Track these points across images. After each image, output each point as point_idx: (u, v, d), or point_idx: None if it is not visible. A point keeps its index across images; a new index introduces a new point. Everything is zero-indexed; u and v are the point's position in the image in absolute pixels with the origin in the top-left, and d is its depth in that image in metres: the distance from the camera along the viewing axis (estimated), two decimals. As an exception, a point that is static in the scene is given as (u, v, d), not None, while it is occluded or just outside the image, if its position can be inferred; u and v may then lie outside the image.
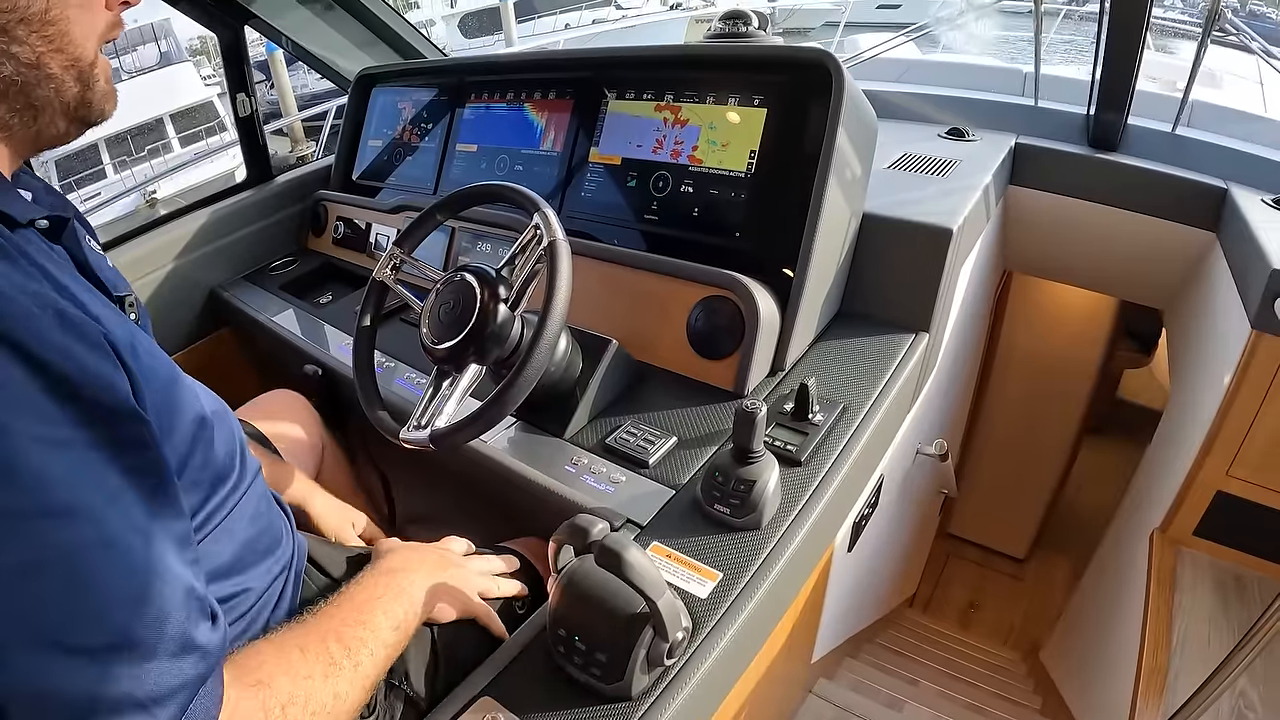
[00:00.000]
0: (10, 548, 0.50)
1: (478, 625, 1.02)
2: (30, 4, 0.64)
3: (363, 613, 0.84)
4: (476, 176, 1.68)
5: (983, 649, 2.83)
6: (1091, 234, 2.01)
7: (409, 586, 0.91)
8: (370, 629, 0.82)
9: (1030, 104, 2.13)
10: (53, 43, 0.67)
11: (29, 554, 0.50)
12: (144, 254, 1.83)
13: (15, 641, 0.49)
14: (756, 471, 0.95)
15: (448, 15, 17.90)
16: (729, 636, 0.85)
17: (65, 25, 0.67)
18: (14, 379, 0.52)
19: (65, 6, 0.67)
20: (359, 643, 0.79)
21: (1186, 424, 1.85)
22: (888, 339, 1.33)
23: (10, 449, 0.51)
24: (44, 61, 0.67)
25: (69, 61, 0.69)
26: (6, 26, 0.64)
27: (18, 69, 0.66)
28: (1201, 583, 1.65)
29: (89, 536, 0.53)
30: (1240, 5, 11.87)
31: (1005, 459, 3.22)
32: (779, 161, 1.29)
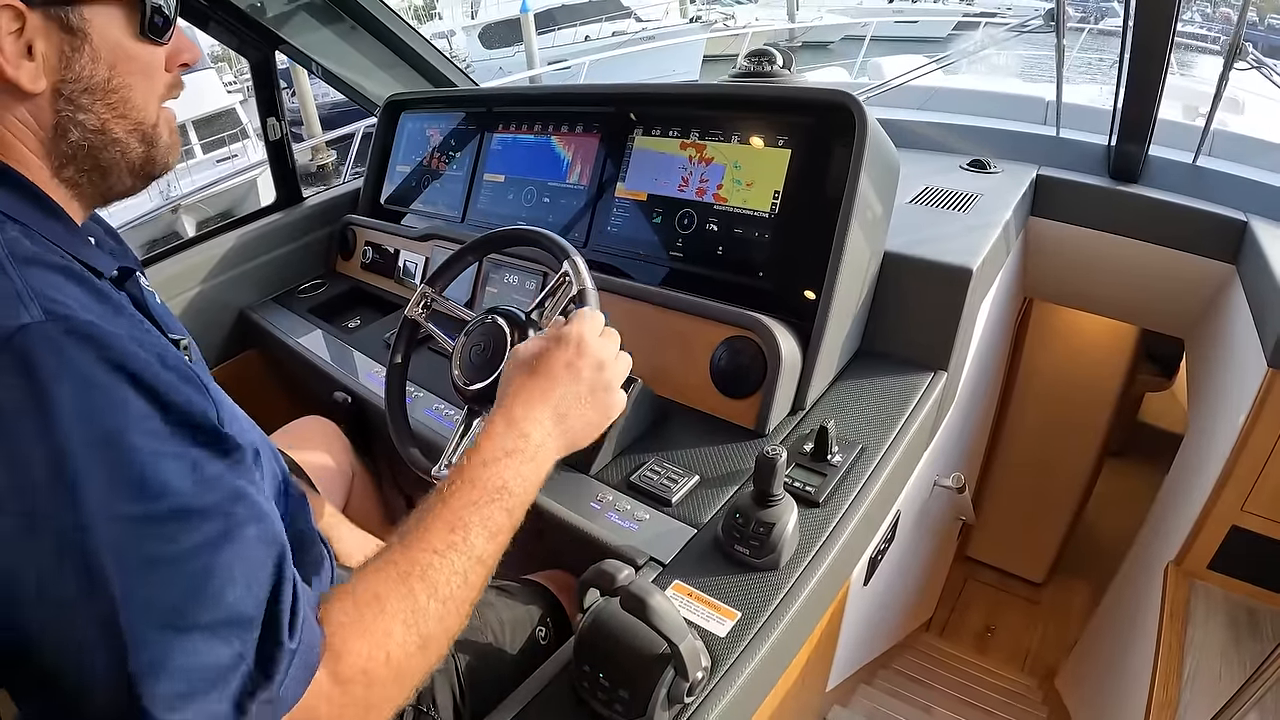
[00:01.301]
0: (142, 546, 0.56)
1: (504, 656, 1.06)
2: (93, 74, 0.69)
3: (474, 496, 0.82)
4: (503, 207, 1.71)
5: (998, 674, 2.82)
6: (1112, 265, 2.02)
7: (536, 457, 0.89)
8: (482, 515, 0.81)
9: (1052, 134, 2.14)
10: (116, 109, 0.72)
11: (157, 550, 0.56)
12: (175, 274, 1.88)
13: (146, 624, 0.55)
14: (776, 514, 0.97)
15: (468, 26, 18.09)
16: (747, 674, 0.87)
17: (127, 93, 0.72)
18: (137, 406, 0.58)
19: (127, 74, 0.72)
20: (470, 527, 0.79)
21: (1203, 457, 1.85)
22: (906, 379, 1.34)
23: (139, 463, 0.57)
24: (109, 127, 0.72)
25: (133, 125, 0.74)
26: (72, 96, 0.69)
27: (84, 135, 0.71)
28: (1214, 616, 1.65)
29: (209, 532, 0.59)
30: (1259, 19, 11.74)
31: (1025, 482, 3.20)
32: (802, 202, 1.31)
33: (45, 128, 0.69)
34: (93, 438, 0.56)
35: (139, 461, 0.57)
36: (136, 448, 0.57)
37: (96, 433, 0.56)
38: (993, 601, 3.37)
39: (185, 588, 0.57)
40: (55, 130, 0.70)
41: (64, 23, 0.67)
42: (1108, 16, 9.23)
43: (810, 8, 19.95)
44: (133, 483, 0.56)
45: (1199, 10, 9.97)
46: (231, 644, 0.58)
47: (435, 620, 0.72)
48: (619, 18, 17.90)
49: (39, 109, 0.69)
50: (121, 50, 0.71)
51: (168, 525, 0.57)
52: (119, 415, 0.57)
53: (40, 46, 0.66)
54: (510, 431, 0.88)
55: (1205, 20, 10.00)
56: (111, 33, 0.70)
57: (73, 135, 0.70)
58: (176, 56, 0.78)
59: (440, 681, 1.00)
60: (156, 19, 0.73)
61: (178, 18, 0.77)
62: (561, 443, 0.93)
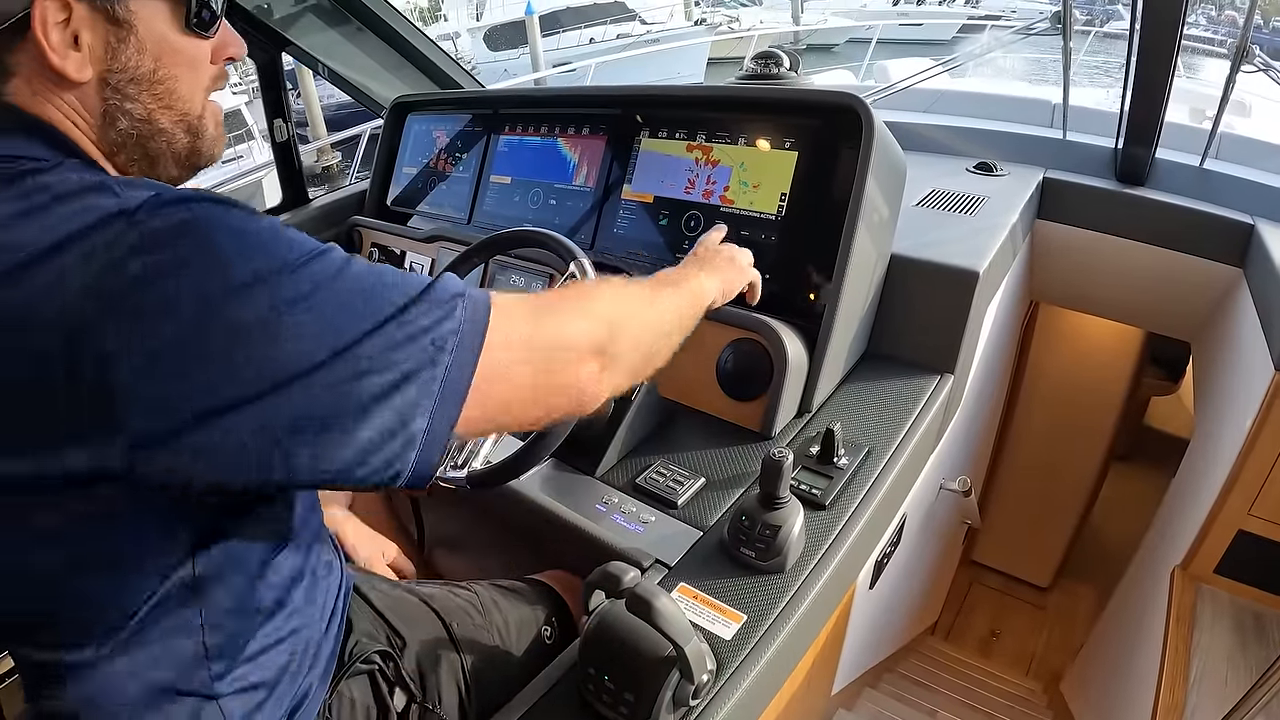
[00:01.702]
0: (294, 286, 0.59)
1: (510, 656, 1.07)
2: (139, 65, 0.72)
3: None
4: (510, 209, 1.71)
5: (1003, 678, 2.81)
6: (1118, 267, 2.01)
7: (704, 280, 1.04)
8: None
9: (1059, 137, 2.13)
10: (161, 100, 0.74)
11: (306, 287, 0.59)
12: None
13: (345, 338, 0.60)
14: (782, 517, 0.97)
15: (473, 28, 18.10)
16: (752, 676, 0.87)
17: (173, 84, 0.74)
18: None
19: (173, 66, 0.74)
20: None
21: (1209, 461, 1.85)
22: (913, 381, 1.34)
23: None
24: (155, 117, 0.74)
25: (178, 116, 0.76)
26: (118, 85, 0.71)
27: (132, 123, 0.73)
28: (1221, 621, 1.65)
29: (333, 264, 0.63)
30: (1264, 22, 11.73)
31: (1030, 486, 3.20)
32: (809, 204, 1.31)
33: (95, 115, 0.72)
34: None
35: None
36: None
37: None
38: (998, 606, 3.37)
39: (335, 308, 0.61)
40: (104, 118, 0.72)
41: (110, 14, 0.69)
42: (1113, 20, 9.24)
43: (814, 10, 19.97)
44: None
45: (1203, 13, 9.95)
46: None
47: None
48: (624, 20, 17.92)
49: (87, 97, 0.71)
50: (167, 43, 0.73)
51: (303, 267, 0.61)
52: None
53: (86, 37, 0.68)
54: (683, 270, 1.04)
55: (1210, 23, 9.99)
56: (157, 25, 0.72)
57: (121, 123, 0.73)
58: (222, 50, 0.80)
59: (446, 679, 1.00)
60: (202, 13, 0.75)
61: (223, 13, 0.78)
62: (718, 288, 1.06)
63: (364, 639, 0.95)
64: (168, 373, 0.55)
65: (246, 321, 0.57)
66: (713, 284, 1.04)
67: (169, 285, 0.56)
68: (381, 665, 0.94)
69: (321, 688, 0.87)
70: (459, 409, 0.65)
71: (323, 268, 0.61)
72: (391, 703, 0.94)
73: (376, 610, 1.02)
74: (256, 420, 0.57)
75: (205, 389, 0.56)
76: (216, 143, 0.81)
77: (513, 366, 0.70)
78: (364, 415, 0.60)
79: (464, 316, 0.66)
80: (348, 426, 0.60)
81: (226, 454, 0.58)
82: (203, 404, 0.56)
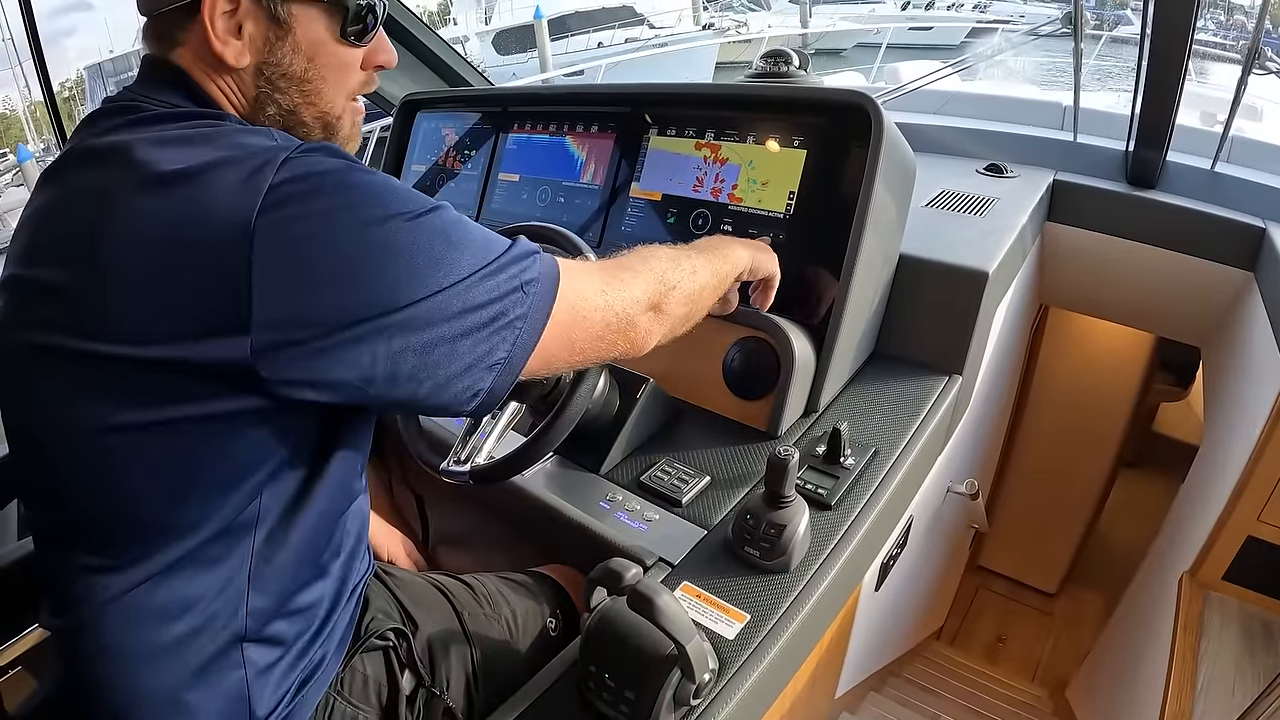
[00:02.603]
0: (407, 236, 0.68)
1: (516, 647, 1.08)
2: (292, 64, 0.80)
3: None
4: (518, 206, 1.71)
5: (1009, 684, 2.79)
6: (1128, 271, 2.00)
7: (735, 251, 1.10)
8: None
9: (1069, 139, 2.12)
10: (307, 97, 0.82)
11: (425, 230, 0.69)
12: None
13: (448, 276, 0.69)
14: (787, 516, 0.96)
15: (482, 32, 18.13)
16: (754, 677, 0.87)
17: (320, 84, 0.82)
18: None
19: (323, 69, 0.82)
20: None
21: (1219, 467, 1.83)
22: (921, 382, 1.33)
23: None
24: (299, 110, 0.82)
25: (319, 113, 0.84)
26: (271, 78, 0.79)
27: (279, 111, 0.82)
28: (1229, 628, 1.63)
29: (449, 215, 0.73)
30: (1274, 25, 11.69)
31: (1038, 492, 3.18)
32: (817, 203, 1.30)
33: (248, 98, 0.80)
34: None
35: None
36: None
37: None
38: (1004, 611, 3.35)
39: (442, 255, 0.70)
40: (255, 102, 0.80)
41: (272, 13, 0.76)
42: (1121, 24, 9.22)
43: (823, 15, 19.92)
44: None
45: (1211, 18, 9.89)
46: None
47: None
48: (632, 24, 17.93)
49: (243, 81, 0.79)
50: (321, 48, 0.81)
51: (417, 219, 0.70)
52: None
53: (249, 28, 0.76)
54: (720, 238, 1.10)
55: (1219, 28, 9.94)
56: (314, 31, 0.79)
57: (269, 109, 0.81)
58: (374, 57, 0.87)
59: (455, 667, 1.01)
60: (357, 25, 0.82)
61: (380, 25, 0.85)
62: (749, 258, 1.11)
63: (380, 615, 0.98)
64: (299, 285, 0.63)
65: (378, 249, 0.66)
66: (745, 254, 1.10)
67: (315, 211, 0.64)
68: (395, 643, 0.96)
69: (336, 659, 0.90)
70: (535, 342, 0.75)
71: (439, 218, 0.71)
72: (401, 683, 0.95)
73: (393, 593, 1.04)
74: (376, 335, 0.66)
75: (333, 304, 0.64)
76: (350, 141, 0.89)
77: (583, 310, 0.81)
78: (464, 340, 0.70)
79: (542, 268, 0.76)
80: (450, 350, 0.69)
81: (344, 362, 0.66)
82: (329, 316, 0.64)
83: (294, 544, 0.79)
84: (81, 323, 0.65)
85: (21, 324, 0.70)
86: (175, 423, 0.67)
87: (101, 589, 0.72)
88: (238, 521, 0.73)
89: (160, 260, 0.63)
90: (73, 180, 0.72)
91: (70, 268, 0.66)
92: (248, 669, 0.78)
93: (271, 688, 0.80)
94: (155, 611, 0.73)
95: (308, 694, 0.85)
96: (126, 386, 0.66)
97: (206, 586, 0.74)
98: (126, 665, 0.74)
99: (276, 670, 0.81)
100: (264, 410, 0.69)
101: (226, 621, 0.76)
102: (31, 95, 16.14)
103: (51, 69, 2.33)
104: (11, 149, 14.68)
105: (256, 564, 0.76)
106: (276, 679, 0.81)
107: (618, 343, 0.86)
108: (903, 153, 1.31)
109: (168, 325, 0.63)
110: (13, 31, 13.24)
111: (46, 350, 0.67)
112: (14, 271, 0.73)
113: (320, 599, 0.86)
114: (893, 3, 21.89)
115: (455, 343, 0.69)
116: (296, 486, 0.77)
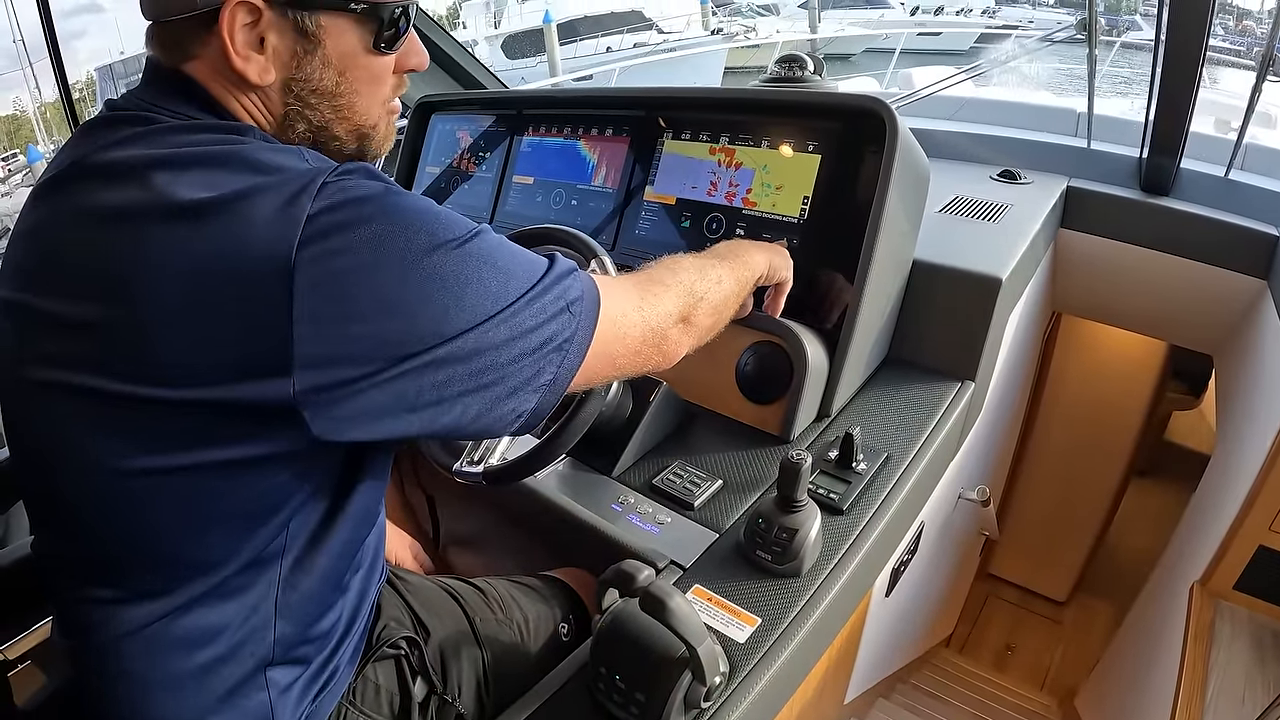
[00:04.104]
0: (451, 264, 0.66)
1: (528, 651, 1.07)
2: (322, 78, 0.75)
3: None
4: (532, 209, 1.71)
5: (1017, 693, 2.78)
6: (1141, 278, 1.99)
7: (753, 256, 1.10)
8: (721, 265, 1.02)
9: (1083, 145, 2.11)
10: (340, 111, 0.78)
11: (472, 259, 0.67)
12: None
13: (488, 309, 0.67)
14: (799, 520, 0.96)
15: (491, 36, 18.16)
16: (764, 681, 0.87)
17: (352, 98, 0.78)
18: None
19: (355, 81, 0.77)
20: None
21: (1231, 476, 1.82)
22: (933, 387, 1.33)
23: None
24: (332, 126, 0.78)
25: (354, 126, 0.80)
26: (300, 94, 0.74)
27: (309, 128, 0.77)
28: (1239, 638, 1.62)
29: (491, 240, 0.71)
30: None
31: (1049, 500, 3.17)
32: (831, 208, 1.30)
33: (276, 116, 0.75)
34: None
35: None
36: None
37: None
38: (1013, 619, 3.33)
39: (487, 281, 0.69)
40: (284, 120, 0.76)
41: (298, 25, 0.71)
42: (1130, 30, 9.19)
43: (831, 20, 19.90)
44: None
45: (1219, 23, 9.85)
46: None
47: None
48: (641, 29, 17.95)
49: (269, 99, 0.74)
50: (353, 60, 0.76)
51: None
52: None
53: (273, 41, 0.70)
54: (738, 244, 1.11)
55: (1227, 33, 9.89)
56: (345, 43, 0.74)
57: (299, 126, 0.76)
58: (405, 61, 0.82)
59: (467, 673, 1.01)
60: (390, 30, 0.77)
61: (411, 27, 0.81)
62: (766, 262, 1.11)
63: (392, 624, 0.97)
64: (344, 320, 0.60)
65: (425, 280, 0.63)
66: (763, 259, 1.10)
67: (358, 242, 0.61)
68: (407, 651, 0.96)
69: (349, 669, 0.89)
70: (580, 362, 0.74)
71: (482, 243, 0.68)
72: (413, 691, 0.95)
73: (404, 599, 1.03)
74: (424, 369, 0.64)
75: (380, 340, 0.62)
76: (384, 142, 0.85)
77: (623, 327, 0.81)
78: (513, 366, 0.68)
79: (583, 286, 0.75)
80: (499, 376, 0.68)
81: (390, 399, 0.64)
82: (377, 353, 0.62)
83: (320, 569, 0.77)
84: (117, 363, 0.62)
85: (39, 358, 0.66)
86: (205, 466, 0.64)
87: (120, 622, 0.70)
88: (264, 554, 0.71)
89: (193, 295, 0.60)
90: (82, 199, 0.66)
91: (102, 304, 0.62)
92: (270, 690, 0.77)
93: (292, 705, 0.80)
94: (178, 642, 0.70)
95: (321, 705, 0.85)
96: (159, 430, 0.63)
97: (232, 616, 0.72)
98: (147, 692, 0.72)
99: (296, 687, 0.80)
100: (298, 450, 0.66)
101: (254, 649, 0.74)
102: (42, 96, 16.24)
103: (65, 70, 2.34)
104: (22, 150, 14.80)
105: (283, 592, 0.74)
106: (296, 696, 0.80)
107: (652, 356, 0.87)
108: (917, 158, 1.31)
109: (206, 366, 0.60)
110: (23, 34, 13.34)
111: (77, 390, 0.63)
112: (18, 297, 0.68)
113: (340, 616, 0.85)
114: (901, 8, 21.86)
115: (504, 369, 0.68)
116: (322, 516, 0.75)
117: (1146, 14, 11.85)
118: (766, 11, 21.15)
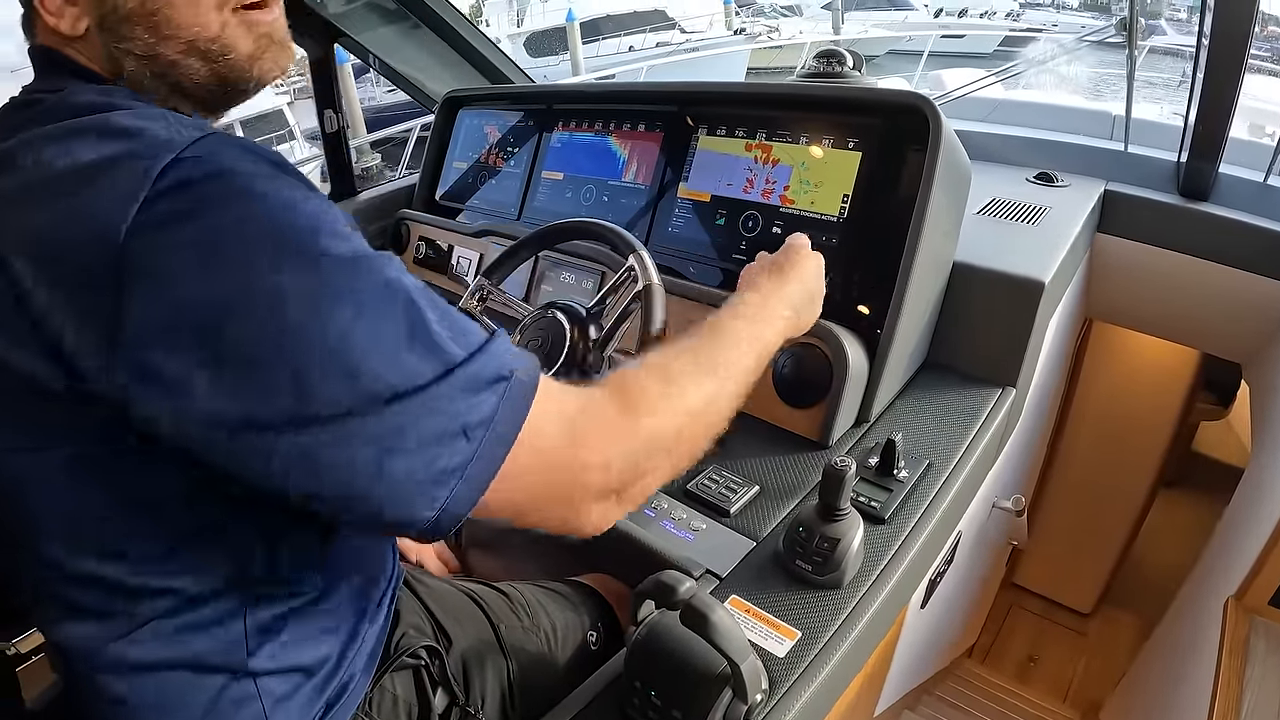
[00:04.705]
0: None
1: (555, 661, 1.03)
2: (123, 2, 0.66)
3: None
4: (561, 205, 1.69)
5: (1040, 705, 2.74)
6: (1175, 284, 1.95)
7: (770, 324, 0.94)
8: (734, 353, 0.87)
9: (1120, 149, 2.07)
10: (158, 31, 0.68)
11: (347, 301, 0.57)
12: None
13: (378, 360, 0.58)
14: (841, 530, 0.93)
15: (514, 34, 18.18)
16: (804, 698, 0.83)
17: (168, 12, 0.67)
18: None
19: None
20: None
21: (1266, 489, 1.78)
22: (975, 393, 1.29)
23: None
24: (157, 50, 0.68)
25: (184, 45, 0.69)
26: (113, 27, 0.67)
27: (136, 63, 0.68)
28: (1275, 654, 1.59)
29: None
30: (1325, 40, 11.54)
31: (1076, 510, 3.12)
32: (872, 206, 1.27)
33: (104, 60, 0.68)
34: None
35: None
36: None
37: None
38: (1037, 630, 3.28)
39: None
40: (111, 61, 0.68)
41: None
42: (1155, 34, 9.12)
43: (855, 21, 19.81)
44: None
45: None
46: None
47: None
48: (663, 29, 17.93)
49: (91, 46, 0.68)
50: None
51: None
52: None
53: None
54: (763, 303, 0.93)
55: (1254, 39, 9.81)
56: None
57: (129, 66, 0.68)
58: None
59: (491, 683, 0.97)
60: None
61: None
62: (791, 327, 0.97)
63: (411, 631, 0.93)
64: (169, 335, 0.53)
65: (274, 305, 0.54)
66: (787, 324, 0.96)
67: (193, 237, 0.53)
68: (427, 661, 0.91)
69: (365, 679, 0.84)
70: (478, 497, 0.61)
71: (369, 281, 0.59)
72: (434, 702, 0.91)
73: (424, 604, 0.99)
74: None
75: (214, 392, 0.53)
76: (255, 60, 0.73)
77: (533, 473, 0.65)
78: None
79: (502, 402, 0.62)
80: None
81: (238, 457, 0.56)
82: (208, 407, 0.54)
83: (294, 578, 0.73)
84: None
85: None
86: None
87: (84, 654, 0.67)
88: (229, 575, 0.67)
89: (35, 279, 0.53)
90: None
91: None
92: (264, 699, 0.72)
93: (296, 714, 0.75)
94: (148, 666, 0.67)
95: (334, 716, 0.80)
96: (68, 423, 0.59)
97: (200, 632, 0.68)
98: (133, 713, 0.68)
99: (298, 697, 0.75)
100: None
101: (230, 661, 0.70)
102: None
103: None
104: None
105: (253, 610, 0.70)
106: (300, 705, 0.75)
107: (553, 519, 0.73)
108: (959, 157, 1.27)
109: (58, 358, 0.54)
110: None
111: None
112: None
113: (343, 618, 0.81)
114: (925, 10, 21.75)
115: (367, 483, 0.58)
116: (290, 530, 0.71)
117: (1170, 18, 11.75)
118: (790, 12, 21.08)
